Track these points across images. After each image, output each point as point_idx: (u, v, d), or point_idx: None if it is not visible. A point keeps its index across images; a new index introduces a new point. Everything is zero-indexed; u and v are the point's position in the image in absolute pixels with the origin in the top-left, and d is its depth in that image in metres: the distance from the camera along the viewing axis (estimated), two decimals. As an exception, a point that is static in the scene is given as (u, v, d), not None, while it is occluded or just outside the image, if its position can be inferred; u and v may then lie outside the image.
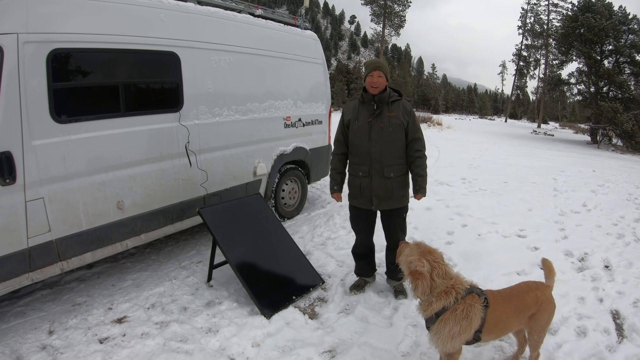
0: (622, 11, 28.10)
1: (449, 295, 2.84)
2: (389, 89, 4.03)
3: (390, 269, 4.45)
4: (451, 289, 2.85)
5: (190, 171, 4.95)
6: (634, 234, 6.63)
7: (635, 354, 3.58)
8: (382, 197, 4.08)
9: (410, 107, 4.10)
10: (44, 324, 3.83)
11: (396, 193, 4.08)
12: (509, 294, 3.05)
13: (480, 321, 2.82)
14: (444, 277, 2.90)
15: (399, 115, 3.97)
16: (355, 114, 4.08)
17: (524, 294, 3.02)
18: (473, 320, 2.80)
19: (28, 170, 3.48)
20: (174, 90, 4.78)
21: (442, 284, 2.87)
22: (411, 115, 4.03)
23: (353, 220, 4.46)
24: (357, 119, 4.06)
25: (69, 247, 3.91)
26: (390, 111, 3.97)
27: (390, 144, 3.97)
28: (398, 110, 3.98)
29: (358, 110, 4.09)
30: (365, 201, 4.17)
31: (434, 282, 2.87)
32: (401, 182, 4.10)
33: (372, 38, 61.88)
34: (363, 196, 4.16)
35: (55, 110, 3.65)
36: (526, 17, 55.96)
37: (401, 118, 3.97)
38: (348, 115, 4.16)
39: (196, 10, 4.99)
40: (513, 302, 2.99)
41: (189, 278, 4.75)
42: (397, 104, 4.02)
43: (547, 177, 11.31)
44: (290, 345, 3.60)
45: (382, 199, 4.09)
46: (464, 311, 2.80)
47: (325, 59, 7.50)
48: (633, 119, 23.90)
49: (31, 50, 3.46)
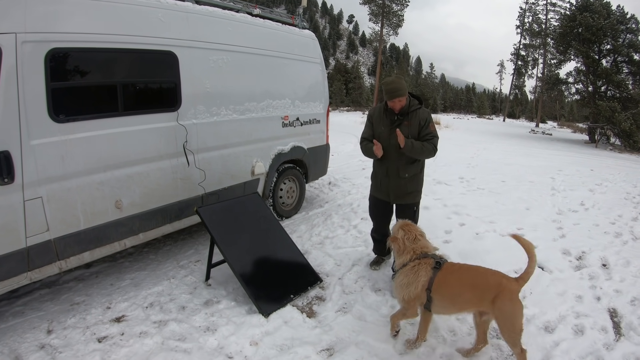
0: (620, 11, 28.10)
1: (407, 254, 3.51)
2: (410, 97, 4.45)
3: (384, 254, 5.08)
4: (411, 251, 3.52)
5: (188, 170, 4.96)
6: (631, 233, 6.64)
7: (632, 352, 3.60)
8: (397, 194, 4.62)
9: (427, 114, 4.45)
10: (43, 324, 3.83)
11: (410, 190, 4.59)
12: (471, 269, 3.46)
13: (429, 280, 3.34)
14: (412, 242, 3.56)
15: (416, 125, 4.38)
16: (379, 120, 4.55)
17: (489, 275, 3.29)
18: (420, 276, 3.36)
19: (26, 169, 3.49)
20: (172, 90, 4.78)
21: (409, 246, 3.54)
22: (426, 122, 4.39)
23: (372, 208, 4.99)
24: (380, 124, 4.52)
25: (68, 246, 3.91)
26: (409, 120, 4.39)
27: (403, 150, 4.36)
28: (415, 119, 4.39)
29: (382, 116, 4.53)
30: (384, 195, 4.73)
31: (404, 246, 3.56)
32: (414, 181, 4.59)
33: (370, 37, 61.89)
34: (382, 191, 4.73)
35: (54, 110, 3.65)
36: (524, 16, 55.99)
37: (417, 127, 4.39)
38: (374, 118, 4.62)
39: (194, 9, 4.99)
40: (472, 277, 3.36)
41: (187, 277, 4.75)
42: (416, 113, 4.41)
43: (545, 176, 11.32)
44: (288, 344, 3.62)
45: (397, 195, 4.62)
46: (414, 268, 3.41)
47: (323, 58, 7.51)
48: (631, 118, 23.91)
49: (29, 50, 3.46)
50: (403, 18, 54.28)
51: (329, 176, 9.75)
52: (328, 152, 7.97)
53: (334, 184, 9.47)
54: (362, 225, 6.52)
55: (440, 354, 3.53)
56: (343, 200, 8.09)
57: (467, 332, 3.83)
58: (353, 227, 6.41)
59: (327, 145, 7.81)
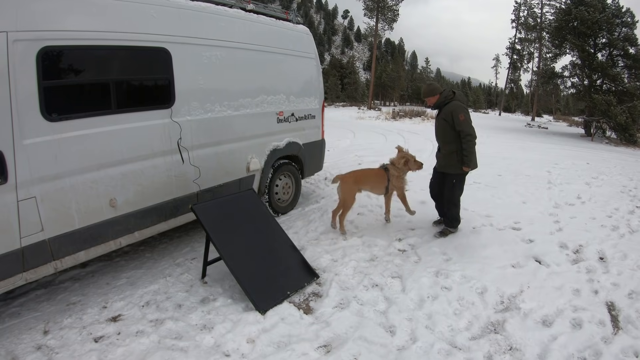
0: (615, 4, 28.08)
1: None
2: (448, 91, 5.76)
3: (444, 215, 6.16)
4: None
5: (182, 168, 4.94)
6: (628, 226, 6.66)
7: (630, 345, 3.60)
8: (440, 164, 5.97)
9: (453, 107, 5.57)
10: (39, 324, 3.81)
11: (445, 163, 5.83)
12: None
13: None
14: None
15: (449, 115, 5.57)
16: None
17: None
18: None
19: (19, 169, 3.46)
20: (166, 87, 4.75)
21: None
22: (453, 114, 5.51)
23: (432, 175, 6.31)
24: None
25: (62, 246, 3.89)
26: (443, 111, 5.68)
27: (440, 133, 5.82)
28: (447, 111, 5.60)
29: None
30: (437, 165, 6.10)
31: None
32: (448, 157, 5.75)
33: (365, 32, 61.93)
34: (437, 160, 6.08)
35: (46, 109, 3.62)
36: (520, 10, 55.85)
37: (448, 118, 5.59)
38: None
39: (187, 5, 4.95)
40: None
41: (183, 275, 4.74)
42: (448, 106, 5.63)
43: (541, 169, 11.34)
44: (285, 341, 3.60)
45: (439, 164, 5.98)
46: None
47: (317, 53, 7.48)
48: (626, 112, 23.97)
49: (21, 49, 3.43)
50: (398, 13, 54.34)
51: (325, 172, 9.72)
52: (324, 148, 7.96)
53: (330, 179, 9.43)
54: (359, 220, 6.53)
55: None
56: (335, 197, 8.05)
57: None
58: (349, 222, 6.40)
59: (322, 140, 7.80)
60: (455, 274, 4.76)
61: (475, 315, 4.02)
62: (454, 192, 5.83)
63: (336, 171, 10.05)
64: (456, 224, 6.00)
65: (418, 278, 4.66)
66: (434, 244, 5.58)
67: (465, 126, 5.48)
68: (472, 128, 5.55)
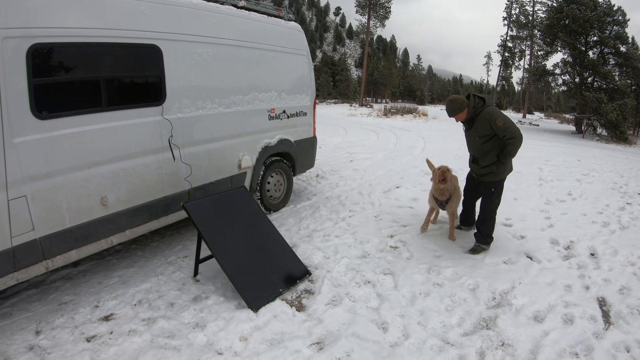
0: (606, 2, 28.32)
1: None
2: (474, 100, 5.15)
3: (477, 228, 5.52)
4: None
5: (174, 165, 4.91)
6: (619, 222, 6.71)
7: (622, 340, 3.63)
8: (477, 173, 5.46)
9: (489, 113, 5.03)
10: (31, 324, 3.78)
11: (483, 172, 5.32)
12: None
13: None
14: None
15: (486, 125, 5.05)
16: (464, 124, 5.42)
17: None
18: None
19: (9, 168, 3.42)
20: (157, 84, 4.72)
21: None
22: (491, 124, 5.01)
23: (466, 182, 5.91)
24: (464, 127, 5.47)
25: (54, 245, 3.86)
26: (477, 122, 5.14)
27: (477, 148, 5.30)
28: (484, 120, 5.05)
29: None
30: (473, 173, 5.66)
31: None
32: (487, 168, 5.26)
33: (357, 30, 61.82)
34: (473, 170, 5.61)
35: (36, 107, 3.58)
36: (511, 8, 56.01)
37: (486, 128, 5.07)
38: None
39: (178, 2, 4.92)
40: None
41: (175, 273, 4.72)
42: (482, 115, 5.07)
43: (532, 166, 11.41)
44: (278, 338, 3.60)
45: (477, 174, 5.48)
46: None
47: (309, 50, 7.47)
48: (617, 109, 24.22)
49: (11, 46, 3.39)
50: (390, 10, 54.36)
51: (317, 169, 9.73)
52: (315, 145, 7.96)
53: (321, 176, 9.46)
54: (350, 217, 6.52)
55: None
56: (331, 192, 8.10)
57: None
58: (341, 219, 6.41)
59: (314, 137, 7.79)
60: (447, 270, 4.78)
61: (467, 312, 4.04)
62: (493, 201, 5.36)
63: (328, 168, 10.09)
64: (490, 241, 5.43)
65: (410, 275, 4.67)
66: (425, 241, 5.60)
67: (509, 130, 4.96)
68: (517, 128, 5.05)
